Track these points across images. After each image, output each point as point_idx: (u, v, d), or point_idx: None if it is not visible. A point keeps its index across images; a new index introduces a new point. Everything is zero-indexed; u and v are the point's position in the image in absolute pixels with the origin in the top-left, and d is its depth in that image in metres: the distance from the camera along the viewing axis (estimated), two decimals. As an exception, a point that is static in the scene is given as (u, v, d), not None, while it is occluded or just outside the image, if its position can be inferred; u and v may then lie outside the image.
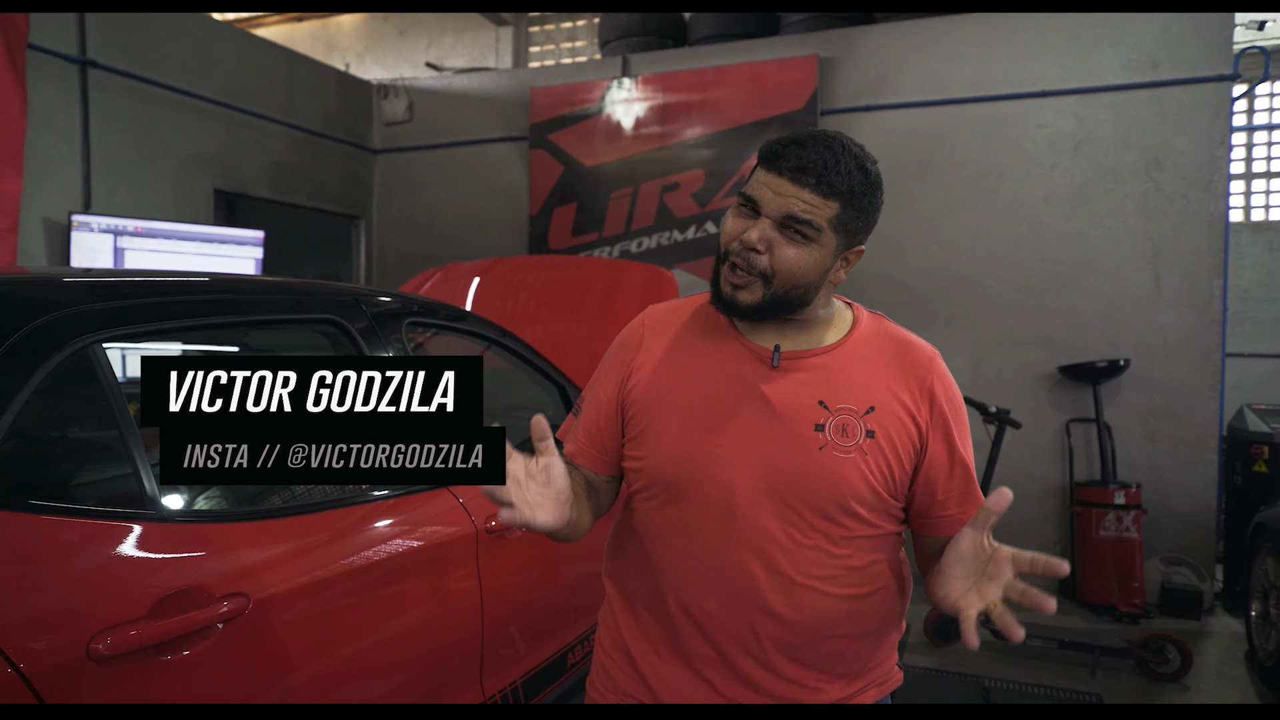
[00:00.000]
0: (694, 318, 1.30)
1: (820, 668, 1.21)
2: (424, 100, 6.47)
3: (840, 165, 1.12)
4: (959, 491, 1.22)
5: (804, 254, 1.14)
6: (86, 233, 4.36)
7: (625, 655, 1.28)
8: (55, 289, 1.39)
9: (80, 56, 4.48)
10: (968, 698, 3.28)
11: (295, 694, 1.44)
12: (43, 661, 1.09)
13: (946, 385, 1.25)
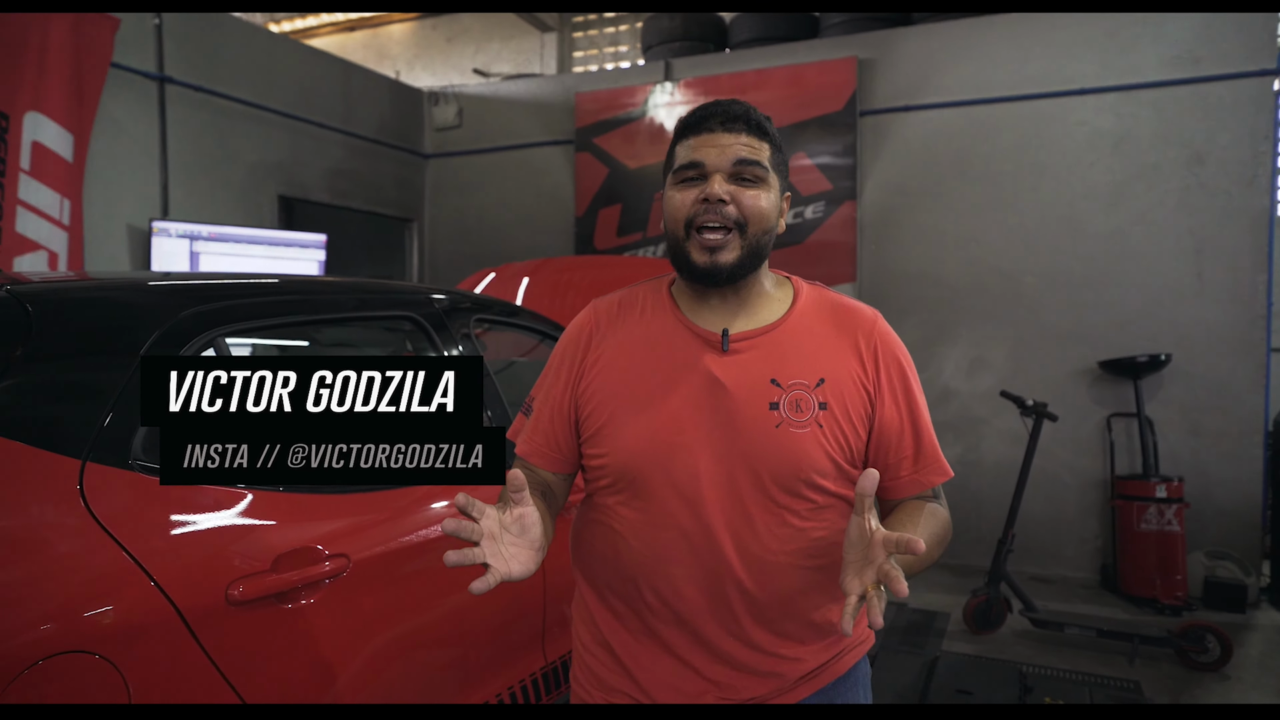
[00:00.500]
0: (640, 309, 1.29)
1: (799, 639, 1.24)
2: (473, 106, 6.71)
3: (756, 112, 1.21)
4: (911, 452, 1.23)
5: (762, 194, 1.18)
6: (165, 238, 4.65)
7: (605, 648, 1.29)
8: (187, 292, 1.59)
9: (159, 74, 4.78)
10: (1006, 683, 3.37)
11: (385, 647, 1.63)
12: (193, 601, 1.29)
13: (890, 346, 1.25)
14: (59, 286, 1.46)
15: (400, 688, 1.65)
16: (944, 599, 4.43)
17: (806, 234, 5.44)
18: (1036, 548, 4.90)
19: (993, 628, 3.93)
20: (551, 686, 2.08)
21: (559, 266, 4.82)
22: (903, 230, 5.27)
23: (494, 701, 1.89)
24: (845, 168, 5.33)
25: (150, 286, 1.60)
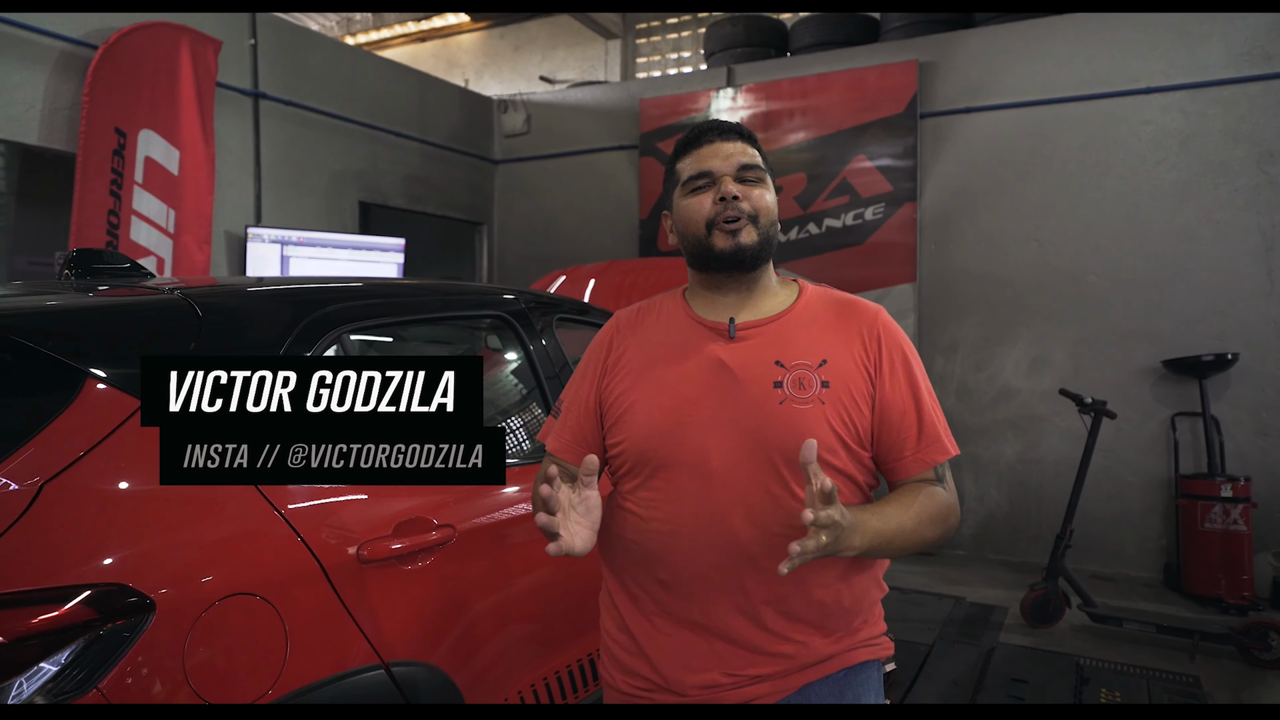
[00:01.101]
0: (657, 314, 1.41)
1: (810, 622, 1.27)
2: (540, 113, 6.96)
3: (744, 127, 1.36)
4: (914, 433, 1.29)
5: (765, 191, 1.32)
6: (259, 243, 4.99)
7: (625, 632, 1.35)
8: (316, 295, 1.83)
9: (254, 90, 5.13)
10: (1062, 674, 3.44)
11: (482, 608, 1.83)
12: (331, 558, 1.51)
13: (892, 334, 1.33)
14: (217, 290, 1.70)
15: (492, 647, 1.85)
16: (1003, 594, 4.49)
17: (866, 235, 5.53)
18: (1098, 546, 4.91)
19: (1050, 622, 3.98)
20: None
21: (623, 269, 5.02)
22: (963, 231, 5.33)
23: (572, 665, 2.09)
24: (905, 169, 5.40)
25: (288, 291, 1.84)
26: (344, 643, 1.52)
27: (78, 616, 1.19)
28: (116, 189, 4.19)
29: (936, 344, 5.41)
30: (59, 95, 4.18)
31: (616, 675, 1.37)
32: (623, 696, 1.36)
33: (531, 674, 1.97)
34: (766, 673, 1.27)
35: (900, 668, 3.46)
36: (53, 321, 1.46)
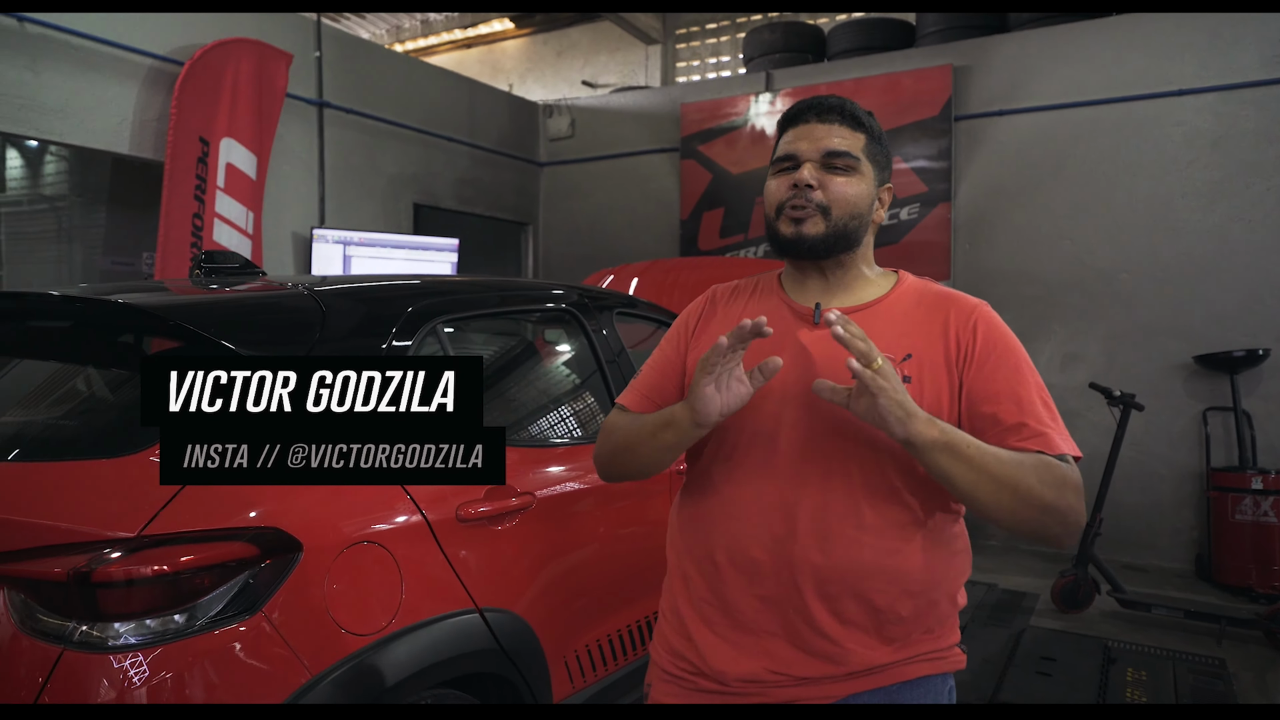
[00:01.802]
0: (751, 292, 1.39)
1: (861, 626, 1.21)
2: (584, 117, 7.21)
3: (855, 106, 1.29)
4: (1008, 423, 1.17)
5: (851, 182, 1.24)
6: (323, 244, 5.30)
7: (676, 615, 1.34)
8: (413, 291, 2.09)
9: (318, 99, 5.45)
10: (1090, 654, 3.59)
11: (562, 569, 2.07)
12: (435, 515, 1.76)
13: (990, 325, 1.25)
14: (335, 289, 1.96)
15: (565, 602, 2.09)
16: (1035, 582, 4.64)
17: (902, 234, 5.70)
18: (1131, 538, 5.03)
19: (1080, 607, 4.13)
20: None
21: (665, 267, 5.25)
22: (997, 230, 5.47)
23: (633, 625, 2.32)
24: (940, 171, 5.56)
25: (392, 287, 2.10)
26: (446, 588, 1.78)
27: (245, 552, 1.46)
28: (200, 194, 4.51)
29: (970, 340, 5.56)
30: (148, 108, 4.52)
31: (664, 654, 1.36)
32: (665, 675, 1.35)
33: (598, 630, 2.21)
34: (812, 675, 1.22)
35: (933, 646, 3.65)
36: (213, 313, 1.73)
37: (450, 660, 1.74)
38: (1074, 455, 1.17)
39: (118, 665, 1.33)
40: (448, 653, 1.74)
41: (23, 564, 1.35)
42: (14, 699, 1.31)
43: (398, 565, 1.68)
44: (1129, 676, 3.39)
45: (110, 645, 1.34)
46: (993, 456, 1.12)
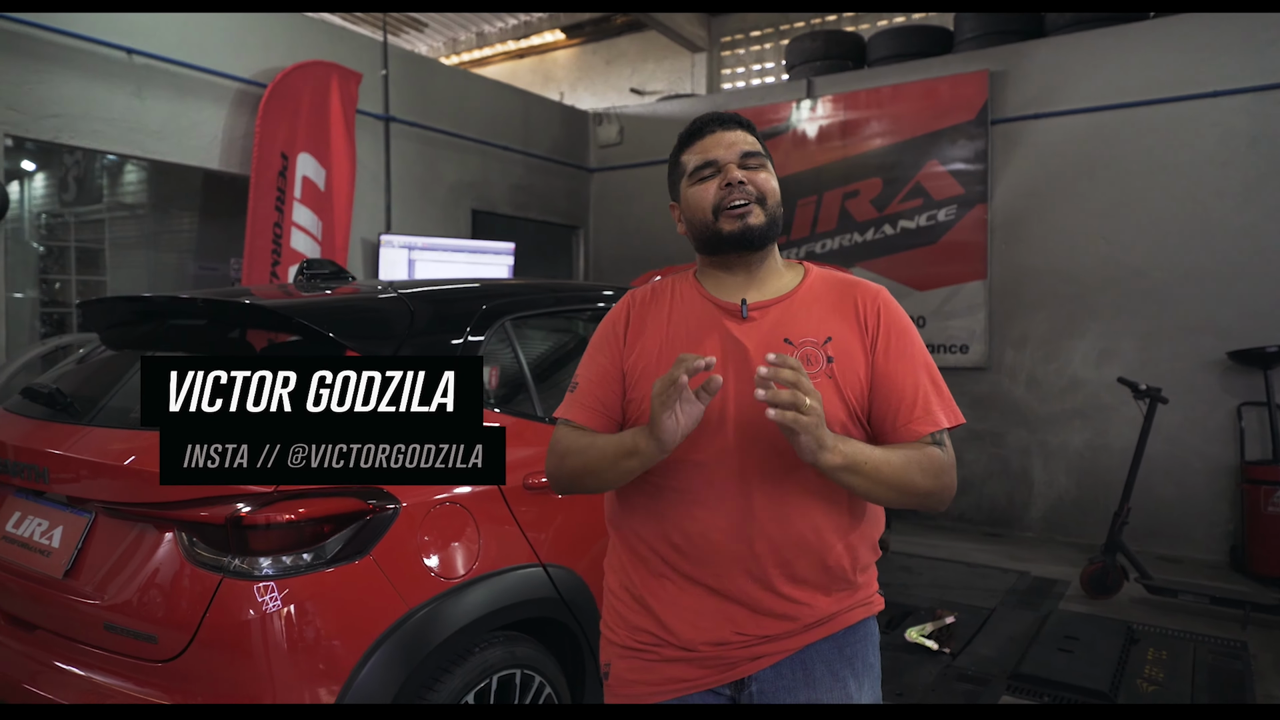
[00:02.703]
0: (670, 293, 1.45)
1: (813, 584, 1.33)
2: (632, 125, 7.53)
3: (742, 115, 1.45)
4: (907, 404, 1.32)
5: (769, 176, 1.39)
6: (389, 249, 5.70)
7: (629, 593, 1.39)
8: (488, 291, 2.41)
9: (385, 114, 5.86)
10: (1113, 635, 3.76)
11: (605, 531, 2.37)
12: (511, 483, 2.08)
13: (891, 311, 1.39)
14: (419, 292, 2.30)
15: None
16: (1066, 570, 4.80)
17: (939, 235, 5.88)
18: (1165, 530, 5.15)
19: (1109, 593, 4.29)
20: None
21: (711, 268, 5.52)
22: (1032, 230, 5.62)
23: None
24: (977, 173, 5.73)
25: (466, 289, 2.43)
26: (515, 544, 2.09)
27: (356, 506, 1.79)
28: (280, 204, 4.94)
29: (1007, 337, 5.73)
30: (234, 126, 4.96)
31: (620, 632, 1.40)
32: (624, 651, 1.40)
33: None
34: (773, 633, 1.33)
35: (962, 625, 3.86)
36: (324, 312, 2.08)
37: (518, 604, 2.06)
38: (955, 423, 1.35)
39: (261, 591, 1.67)
40: (515, 598, 2.05)
41: (189, 510, 1.70)
42: (186, 616, 1.66)
43: (476, 523, 2.01)
44: (1149, 655, 3.56)
45: (256, 575, 1.68)
46: (885, 464, 1.26)
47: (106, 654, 1.76)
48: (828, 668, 1.36)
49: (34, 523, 1.98)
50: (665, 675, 1.36)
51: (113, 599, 1.75)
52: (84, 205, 5.44)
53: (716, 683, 1.35)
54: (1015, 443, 5.71)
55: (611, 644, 1.43)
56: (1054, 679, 3.28)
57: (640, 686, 1.38)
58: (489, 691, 1.99)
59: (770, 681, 1.35)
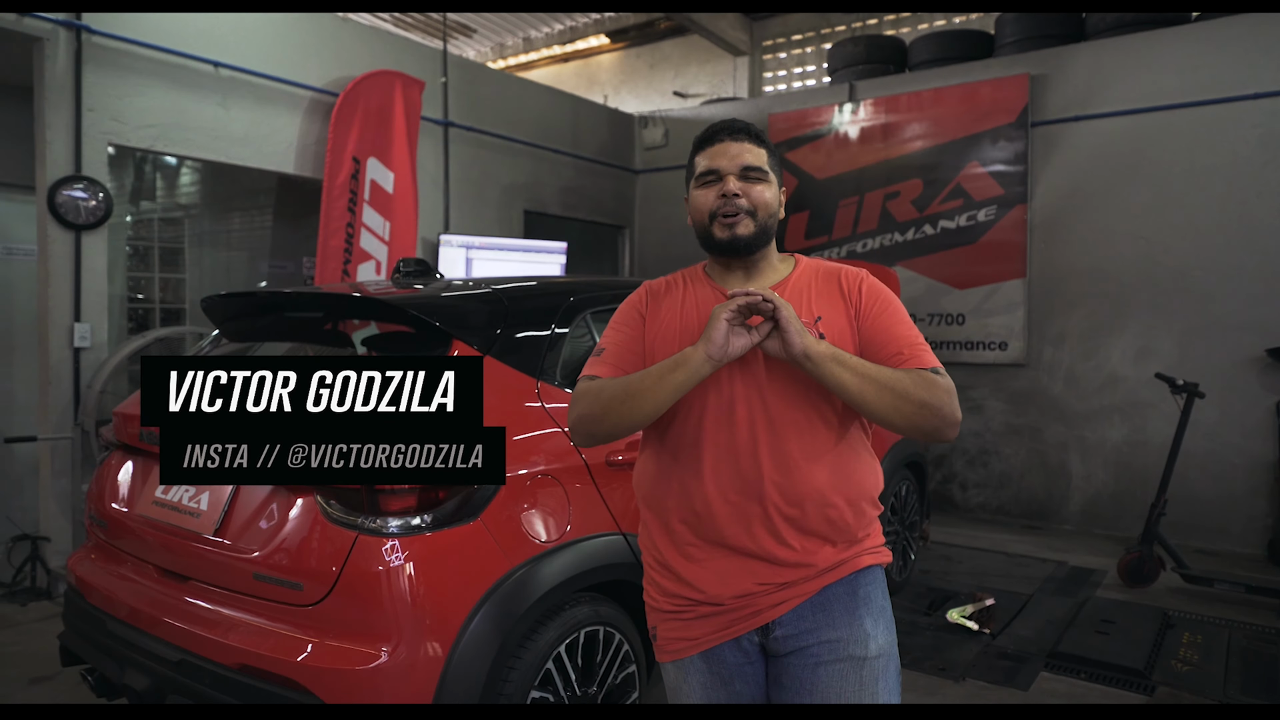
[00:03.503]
0: (682, 284, 1.65)
1: (820, 535, 1.49)
2: (677, 128, 7.75)
3: (754, 126, 1.57)
4: (894, 350, 1.48)
5: (766, 189, 1.52)
6: (448, 248, 5.99)
7: (664, 565, 1.56)
8: (570, 287, 2.66)
9: (444, 120, 6.15)
10: (1148, 620, 3.91)
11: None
12: (592, 460, 2.32)
13: (873, 287, 1.56)
14: (511, 288, 2.55)
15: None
16: (1105, 561, 4.94)
17: (980, 235, 6.03)
18: (1205, 525, 5.25)
19: (1146, 583, 4.43)
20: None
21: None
22: (1072, 230, 5.75)
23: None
24: (1017, 174, 5.87)
25: (550, 284, 2.68)
26: (599, 514, 2.33)
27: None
28: (352, 206, 5.25)
29: (1045, 334, 5.86)
30: (308, 133, 5.28)
31: (659, 598, 1.58)
32: (665, 615, 1.58)
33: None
34: (791, 579, 1.49)
35: (1001, 609, 4.03)
36: (433, 304, 2.34)
37: (601, 568, 2.30)
38: (939, 367, 1.48)
39: (389, 547, 1.93)
40: (599, 562, 2.29)
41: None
42: (327, 567, 1.92)
43: (566, 495, 2.25)
44: (1184, 639, 3.71)
45: (384, 532, 1.94)
46: (874, 367, 1.42)
47: (256, 600, 2.03)
48: (844, 607, 1.50)
49: (182, 489, 2.27)
50: (701, 630, 1.53)
51: (260, 553, 2.03)
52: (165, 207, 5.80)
53: (747, 629, 1.50)
54: (1053, 438, 5.85)
55: (654, 610, 1.60)
56: (1091, 657, 3.46)
57: (681, 643, 1.55)
58: (577, 645, 2.24)
59: (793, 625, 1.49)
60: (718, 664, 1.53)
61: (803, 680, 1.49)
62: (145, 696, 2.13)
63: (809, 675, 1.48)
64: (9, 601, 4.10)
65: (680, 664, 1.56)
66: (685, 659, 1.55)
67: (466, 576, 2.02)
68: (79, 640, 2.44)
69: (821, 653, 1.48)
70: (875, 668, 1.49)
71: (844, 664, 1.47)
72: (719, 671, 1.54)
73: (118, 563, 2.43)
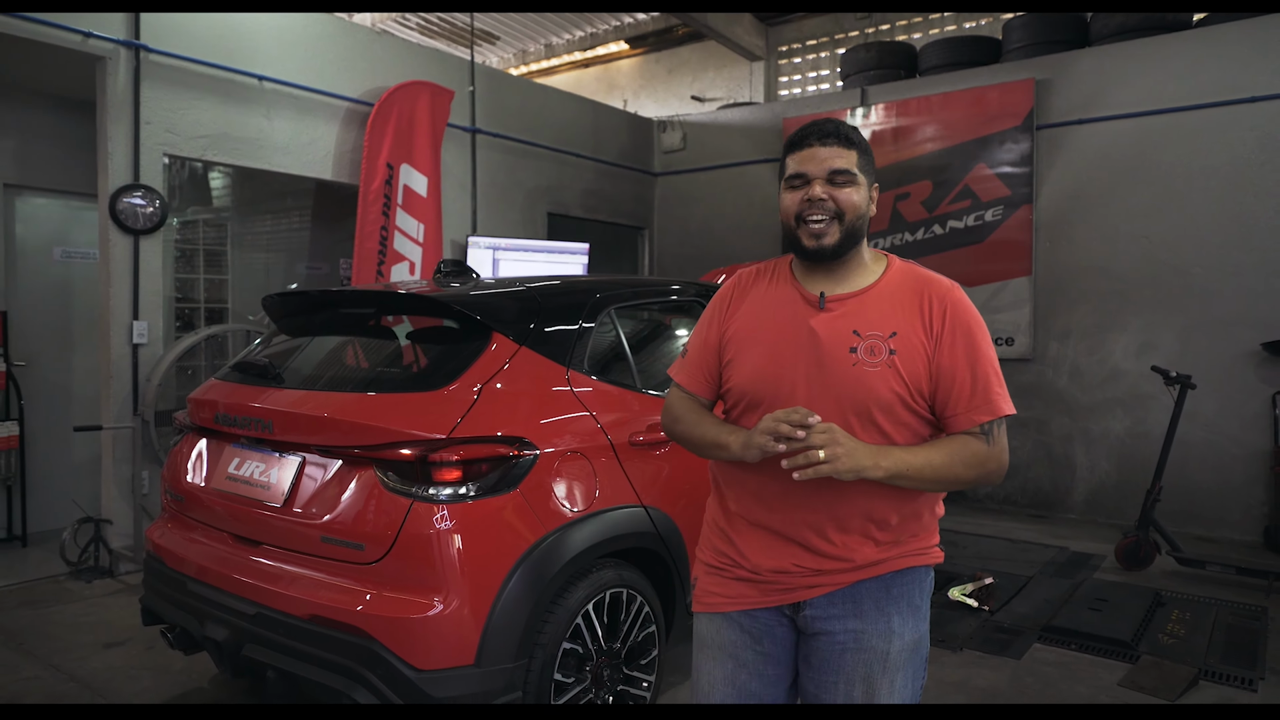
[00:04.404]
0: (769, 276, 1.68)
1: (863, 535, 1.56)
2: (695, 132, 8.01)
3: (845, 127, 1.56)
4: (966, 394, 1.50)
5: (853, 191, 1.53)
6: (476, 249, 6.29)
7: (720, 530, 1.69)
8: (596, 285, 2.92)
9: (472, 127, 6.45)
10: (1139, 599, 4.11)
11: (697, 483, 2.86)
12: (616, 439, 2.59)
13: (959, 308, 1.54)
14: (544, 286, 2.83)
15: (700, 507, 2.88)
16: (1104, 547, 5.14)
17: (987, 234, 6.24)
18: (1204, 513, 5.44)
19: (1142, 566, 4.63)
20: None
21: (770, 265, 5.98)
22: (1076, 229, 5.95)
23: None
24: (1023, 175, 6.08)
25: (578, 284, 2.96)
26: (622, 488, 2.60)
27: (506, 450, 2.32)
28: (386, 210, 5.55)
29: (1050, 330, 6.07)
30: (344, 141, 5.59)
31: (709, 553, 1.71)
32: (709, 568, 1.71)
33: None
34: (826, 569, 1.57)
35: (1001, 589, 4.26)
36: (476, 301, 2.62)
37: (623, 535, 2.57)
38: (1007, 413, 1.53)
39: (439, 512, 2.21)
40: (621, 530, 2.56)
41: (386, 451, 2.25)
42: (386, 530, 2.20)
43: (594, 470, 2.52)
44: (1173, 616, 3.93)
45: (435, 499, 2.22)
46: (927, 467, 1.47)
47: (322, 559, 2.32)
48: (875, 604, 1.57)
49: (252, 465, 2.56)
50: (736, 591, 1.63)
51: (327, 519, 2.31)
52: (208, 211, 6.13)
53: (778, 602, 1.61)
54: (1058, 430, 6.05)
55: (700, 562, 1.74)
56: (1082, 630, 3.69)
57: (716, 597, 1.66)
58: (603, 604, 2.51)
59: (823, 609, 1.58)
60: (750, 622, 1.63)
61: (829, 662, 1.58)
62: (225, 646, 2.43)
63: (835, 659, 1.58)
64: (75, 579, 4.44)
65: (713, 617, 1.66)
66: (719, 614, 1.65)
67: (506, 539, 2.29)
68: (160, 601, 2.75)
69: (847, 640, 1.56)
70: (899, 659, 1.57)
71: (867, 654, 1.56)
72: (750, 629, 1.63)
73: (194, 531, 2.73)
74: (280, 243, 6.70)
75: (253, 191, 6.44)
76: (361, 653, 2.17)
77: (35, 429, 5.18)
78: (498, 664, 2.23)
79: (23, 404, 4.98)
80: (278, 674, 2.32)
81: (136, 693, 3.13)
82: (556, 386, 2.58)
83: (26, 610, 3.99)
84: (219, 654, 2.50)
